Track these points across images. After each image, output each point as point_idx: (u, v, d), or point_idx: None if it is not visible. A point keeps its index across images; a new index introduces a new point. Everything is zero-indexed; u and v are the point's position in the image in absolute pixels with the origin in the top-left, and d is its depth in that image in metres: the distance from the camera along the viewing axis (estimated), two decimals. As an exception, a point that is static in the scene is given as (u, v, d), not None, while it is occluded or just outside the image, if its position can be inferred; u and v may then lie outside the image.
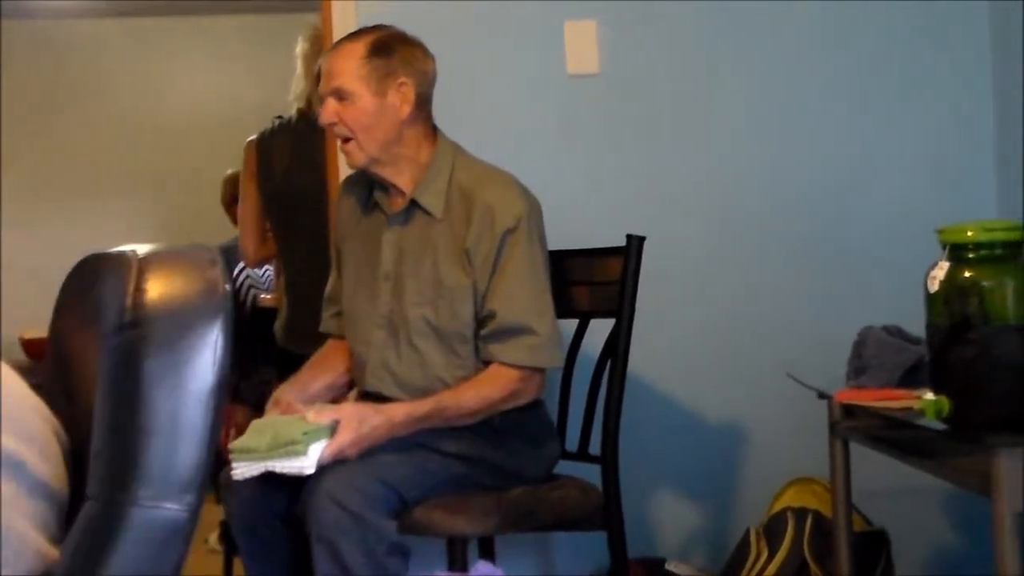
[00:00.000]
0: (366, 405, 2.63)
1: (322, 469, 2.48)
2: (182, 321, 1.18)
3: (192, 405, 1.16)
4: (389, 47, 2.75)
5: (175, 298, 1.20)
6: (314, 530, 2.48)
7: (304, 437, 2.46)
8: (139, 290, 1.19)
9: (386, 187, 2.82)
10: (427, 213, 2.76)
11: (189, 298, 1.20)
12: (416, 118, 2.76)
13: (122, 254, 1.26)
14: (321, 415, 2.53)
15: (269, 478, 2.53)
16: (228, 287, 1.24)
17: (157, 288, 1.20)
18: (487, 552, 2.95)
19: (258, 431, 2.56)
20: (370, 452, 2.54)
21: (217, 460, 4.50)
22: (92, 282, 1.29)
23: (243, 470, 2.52)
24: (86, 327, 1.26)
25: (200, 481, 1.17)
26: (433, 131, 2.82)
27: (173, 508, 1.15)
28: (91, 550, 1.15)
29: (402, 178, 2.78)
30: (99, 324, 1.22)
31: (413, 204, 2.78)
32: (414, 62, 2.77)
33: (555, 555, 3.34)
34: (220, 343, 1.19)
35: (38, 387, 1.34)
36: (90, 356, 1.23)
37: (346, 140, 2.74)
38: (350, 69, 2.71)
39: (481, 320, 2.72)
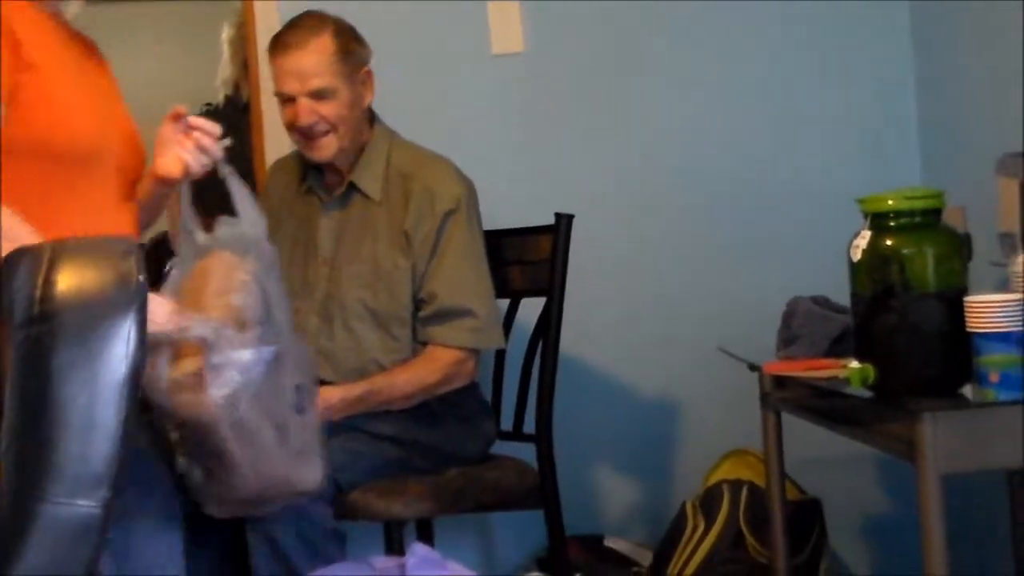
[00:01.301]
0: None
1: None
2: (92, 313, 1.16)
3: (105, 398, 1.14)
4: (351, 36, 2.75)
5: (85, 290, 1.18)
6: (249, 518, 2.47)
7: None
8: (48, 282, 1.17)
9: (321, 171, 2.81)
10: (365, 196, 2.76)
11: (100, 290, 1.19)
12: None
13: (36, 247, 1.24)
14: None
15: None
16: (142, 278, 1.22)
17: (67, 280, 1.18)
18: (425, 534, 2.95)
19: None
20: None
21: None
22: (10, 276, 1.27)
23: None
24: (4, 322, 1.24)
25: (114, 475, 1.15)
26: (371, 115, 2.82)
27: (86, 504, 1.13)
28: (1, 547, 1.13)
29: (345, 163, 2.77)
30: (12, 318, 1.20)
31: (351, 188, 2.77)
32: (366, 48, 2.77)
33: (494, 535, 3.34)
34: (133, 335, 1.17)
35: None
36: (7, 352, 1.21)
37: (324, 134, 2.71)
38: (325, 65, 2.70)
39: (419, 302, 2.72)
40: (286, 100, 2.74)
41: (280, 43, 2.75)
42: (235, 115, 3.77)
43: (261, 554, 2.46)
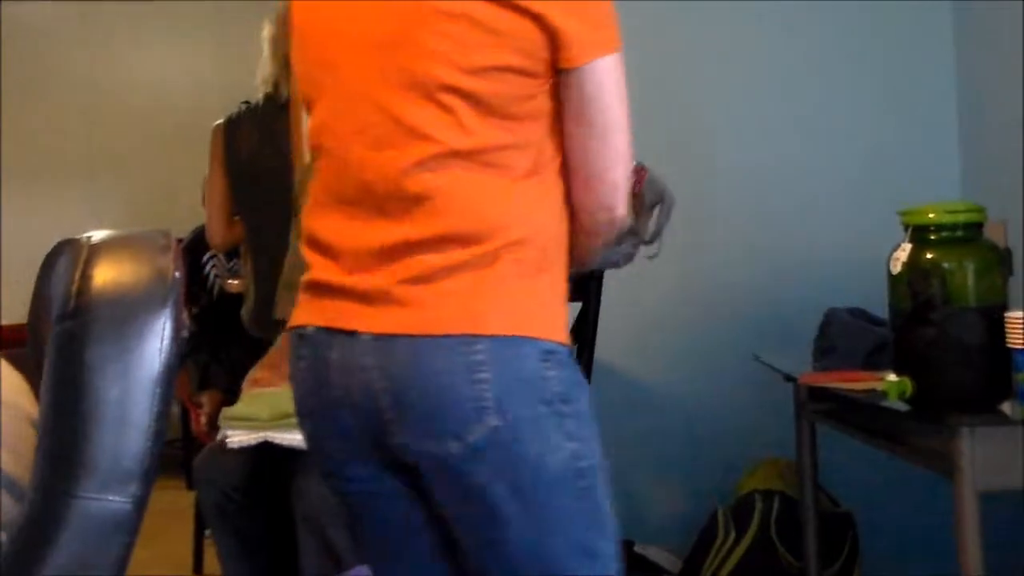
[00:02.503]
0: None
1: None
2: (127, 308, 1.16)
3: (138, 393, 1.14)
4: None
5: (121, 284, 1.18)
6: (300, 509, 2.47)
7: None
8: (85, 277, 1.17)
9: None
10: None
11: (136, 284, 1.18)
12: None
13: (76, 241, 1.24)
14: None
15: (244, 462, 2.51)
16: (178, 274, 1.22)
17: (104, 275, 1.18)
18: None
19: (252, 402, 2.52)
20: None
21: (189, 446, 4.49)
22: (50, 269, 1.28)
23: (240, 438, 2.48)
24: (48, 316, 1.24)
25: (146, 472, 1.14)
26: None
27: (117, 500, 1.12)
28: (31, 544, 1.12)
29: None
30: (50, 312, 1.20)
31: None
32: None
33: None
34: (168, 330, 1.17)
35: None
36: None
37: None
38: None
39: None
40: None
41: None
42: (274, 113, 3.77)
43: (309, 542, 2.46)
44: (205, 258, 4.61)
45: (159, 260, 1.21)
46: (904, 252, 2.14)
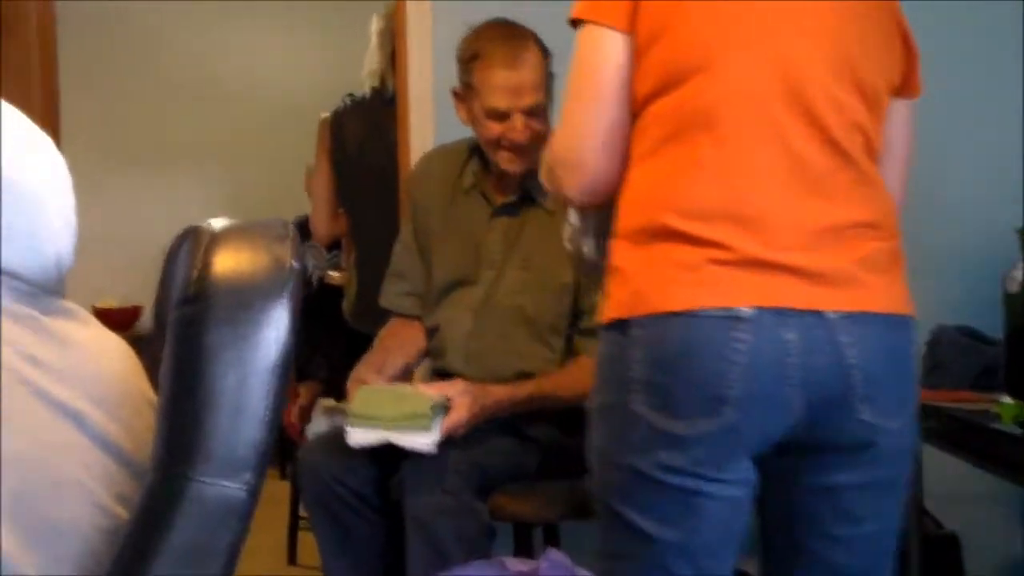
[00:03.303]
0: (472, 384, 2.61)
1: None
2: (244, 295, 1.16)
3: (253, 382, 1.14)
4: (545, 47, 2.70)
5: (240, 272, 1.18)
6: (410, 510, 2.47)
7: (431, 411, 2.43)
8: (206, 264, 1.17)
9: (489, 173, 2.79)
10: (539, 206, 2.74)
11: (254, 273, 1.18)
12: None
13: (199, 228, 1.25)
14: (430, 388, 2.52)
15: (351, 456, 2.52)
16: (296, 264, 1.22)
17: (223, 262, 1.18)
18: (551, 538, 2.93)
19: (372, 398, 2.51)
20: (470, 433, 2.54)
21: (282, 437, 4.53)
22: (174, 255, 1.29)
23: (360, 437, 2.46)
24: (170, 301, 1.25)
25: (259, 460, 1.14)
26: None
27: (231, 487, 1.12)
28: (147, 522, 1.13)
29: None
30: (172, 297, 1.21)
31: (525, 195, 2.76)
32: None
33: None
34: (284, 320, 1.17)
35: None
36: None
37: (534, 149, 2.60)
38: (538, 82, 2.66)
39: (578, 313, 2.70)
40: (495, 115, 2.67)
41: (493, 58, 2.67)
42: (381, 107, 3.79)
43: (418, 544, 2.46)
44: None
45: (277, 249, 1.21)
46: (1021, 271, 2.08)
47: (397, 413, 2.40)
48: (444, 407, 2.49)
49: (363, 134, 3.85)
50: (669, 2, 1.72)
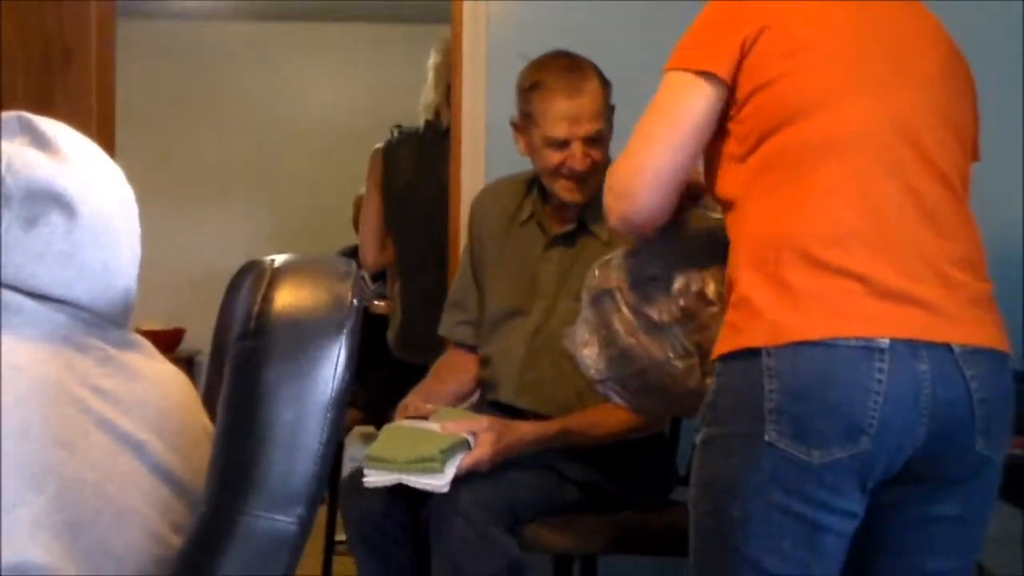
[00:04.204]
0: (498, 420, 2.61)
1: (451, 481, 2.47)
2: (304, 332, 1.18)
3: (310, 417, 1.16)
4: (604, 77, 2.72)
5: (300, 309, 1.20)
6: (436, 543, 2.47)
7: (441, 455, 2.44)
8: (266, 299, 1.19)
9: (547, 203, 2.80)
10: (595, 236, 2.74)
11: (314, 310, 1.20)
12: None
13: (261, 262, 1.28)
14: (456, 426, 2.53)
15: (387, 490, 2.53)
16: (356, 302, 1.24)
17: (284, 298, 1.20)
18: (589, 571, 2.92)
19: (391, 439, 2.53)
20: (498, 468, 2.54)
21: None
22: (236, 289, 1.32)
23: (375, 479, 2.49)
24: (229, 332, 1.28)
25: (312, 494, 1.16)
26: None
27: (283, 520, 1.14)
28: (198, 555, 1.15)
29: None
30: (232, 331, 1.23)
31: (581, 226, 2.77)
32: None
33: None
34: (342, 357, 1.19)
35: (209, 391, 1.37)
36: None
37: (594, 178, 2.63)
38: (598, 110, 2.67)
39: None
40: (554, 144, 2.68)
41: (553, 87, 2.68)
42: (433, 140, 3.82)
43: None
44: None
45: (338, 287, 1.23)
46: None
47: (409, 456, 2.44)
48: (467, 444, 2.50)
49: (414, 166, 3.88)
50: (782, 53, 1.80)
